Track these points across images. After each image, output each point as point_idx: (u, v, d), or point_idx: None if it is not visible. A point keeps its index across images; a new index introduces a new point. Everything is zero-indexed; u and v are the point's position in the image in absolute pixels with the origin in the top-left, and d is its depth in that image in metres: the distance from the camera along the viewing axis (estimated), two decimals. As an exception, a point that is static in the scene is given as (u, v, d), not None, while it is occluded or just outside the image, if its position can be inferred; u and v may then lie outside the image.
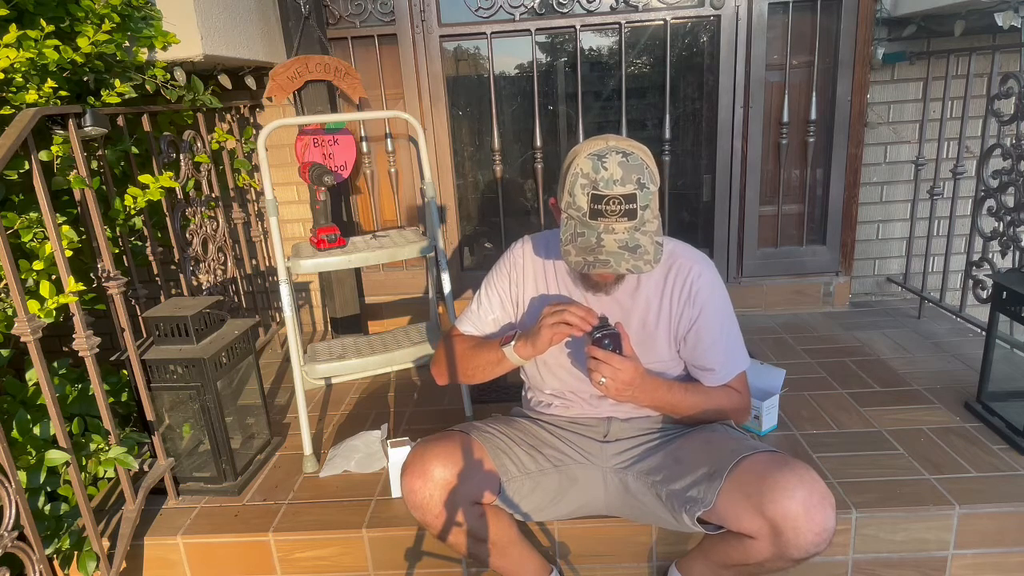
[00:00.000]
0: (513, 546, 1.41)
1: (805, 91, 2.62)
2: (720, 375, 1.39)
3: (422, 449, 1.31)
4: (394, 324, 2.81)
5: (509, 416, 1.57)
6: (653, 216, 1.18)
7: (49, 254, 1.44)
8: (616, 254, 1.15)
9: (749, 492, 1.16)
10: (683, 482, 1.28)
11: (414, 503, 1.28)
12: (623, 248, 1.15)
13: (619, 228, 1.16)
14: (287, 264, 1.80)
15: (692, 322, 1.36)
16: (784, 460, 1.20)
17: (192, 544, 1.59)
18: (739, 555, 1.22)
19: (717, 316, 1.37)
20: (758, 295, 2.78)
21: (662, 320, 1.37)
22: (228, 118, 2.40)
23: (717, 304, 1.37)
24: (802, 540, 1.11)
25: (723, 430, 1.40)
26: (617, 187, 1.14)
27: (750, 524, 1.16)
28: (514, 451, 1.41)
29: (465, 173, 2.88)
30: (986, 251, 2.22)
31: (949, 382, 2.06)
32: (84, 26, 1.63)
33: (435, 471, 1.26)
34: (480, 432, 1.41)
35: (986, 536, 1.51)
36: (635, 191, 1.14)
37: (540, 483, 1.40)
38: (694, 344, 1.37)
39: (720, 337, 1.37)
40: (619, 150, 1.17)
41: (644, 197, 1.15)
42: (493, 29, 2.59)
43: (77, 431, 1.57)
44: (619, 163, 1.15)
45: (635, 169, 1.15)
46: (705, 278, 1.35)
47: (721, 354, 1.38)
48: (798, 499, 1.11)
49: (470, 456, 1.32)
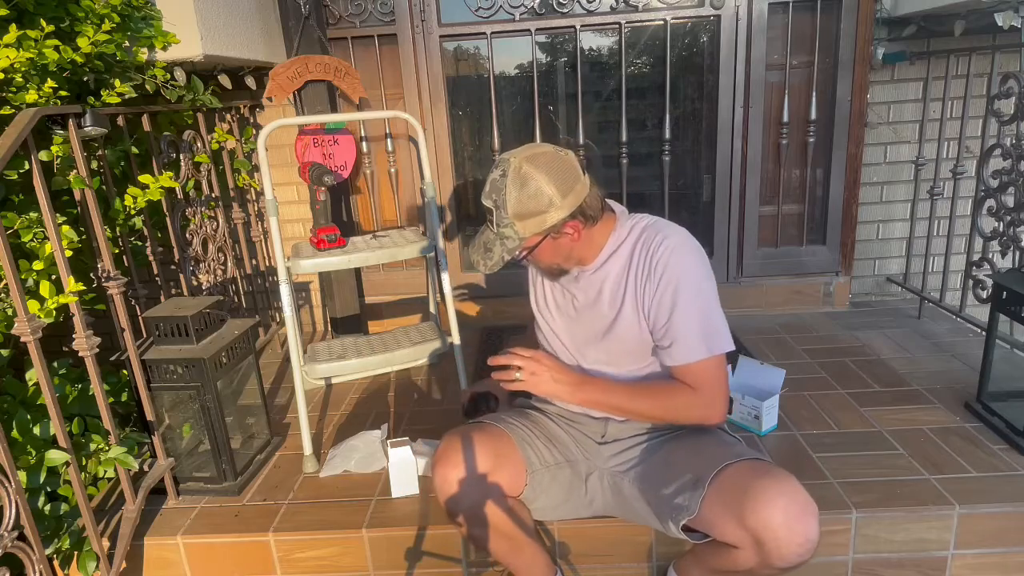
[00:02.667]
0: (528, 544, 1.40)
1: (805, 91, 2.62)
2: (679, 352, 1.27)
3: (454, 439, 1.31)
4: (394, 324, 2.81)
5: (521, 409, 1.56)
6: (517, 236, 1.26)
7: (49, 254, 1.44)
8: (477, 246, 1.31)
9: (728, 501, 1.15)
10: (670, 488, 1.27)
11: (447, 493, 1.27)
12: (482, 244, 1.30)
13: (487, 230, 1.30)
14: (287, 264, 1.80)
15: (654, 292, 1.28)
16: (766, 469, 1.17)
17: (192, 544, 1.59)
18: (727, 563, 1.21)
19: (681, 286, 1.26)
20: (758, 295, 2.78)
21: (628, 296, 1.32)
22: (228, 118, 2.40)
23: (681, 274, 1.27)
24: (784, 551, 1.09)
25: (714, 433, 1.36)
26: (485, 199, 1.28)
27: (732, 534, 1.14)
28: (535, 443, 1.41)
29: (465, 173, 2.88)
30: (986, 251, 2.22)
31: (949, 382, 2.06)
32: (84, 26, 1.63)
33: (468, 461, 1.27)
34: (505, 423, 1.42)
35: (986, 536, 1.51)
36: (490, 206, 1.27)
37: (556, 477, 1.41)
38: (655, 317, 1.29)
39: (681, 310, 1.26)
40: (504, 167, 1.25)
41: (498, 216, 1.26)
42: (493, 29, 2.59)
43: (77, 431, 1.57)
44: (492, 179, 1.26)
45: (496, 189, 1.25)
46: (671, 242, 1.28)
47: (680, 328, 1.26)
48: (779, 509, 1.09)
49: (500, 447, 1.33)
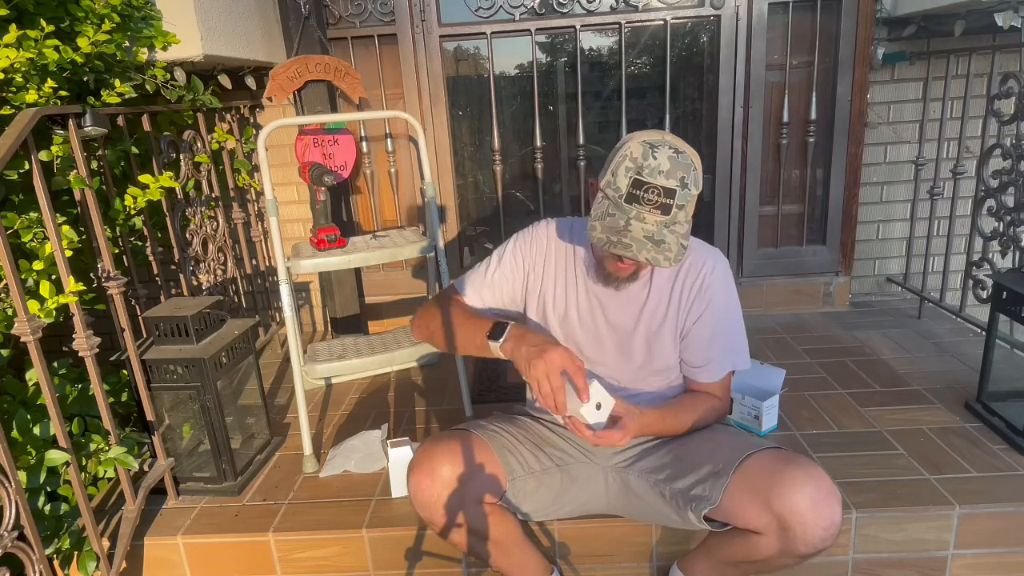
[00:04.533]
0: (516, 546, 1.41)
1: (805, 91, 2.62)
2: (712, 372, 1.38)
3: (429, 447, 1.31)
4: (394, 324, 2.81)
5: (511, 415, 1.57)
6: (685, 219, 1.17)
7: (49, 254, 1.43)
8: (639, 242, 1.14)
9: (756, 488, 1.17)
10: (687, 480, 1.29)
11: (421, 502, 1.28)
12: (647, 238, 1.14)
13: (649, 219, 1.14)
14: (287, 264, 1.80)
15: (698, 316, 1.35)
16: (791, 456, 1.21)
17: (192, 544, 1.59)
18: (744, 552, 1.23)
19: (723, 312, 1.36)
20: (758, 295, 2.78)
21: (669, 315, 1.37)
22: (228, 118, 2.40)
23: (725, 300, 1.36)
24: (810, 535, 1.12)
25: (723, 428, 1.41)
26: (660, 178, 1.13)
27: (757, 520, 1.16)
28: (518, 450, 1.41)
29: (465, 173, 2.88)
30: (986, 251, 2.22)
31: (949, 382, 2.06)
32: (84, 26, 1.62)
33: (442, 469, 1.26)
34: (485, 430, 1.41)
35: (986, 536, 1.51)
36: (676, 187, 1.13)
37: (543, 482, 1.40)
38: (694, 338, 1.37)
39: (721, 334, 1.36)
40: (673, 146, 1.16)
41: (683, 196, 1.14)
42: (493, 29, 2.59)
43: (77, 431, 1.57)
44: (669, 156, 1.14)
45: (683, 167, 1.14)
46: (718, 272, 1.35)
47: (718, 351, 1.37)
48: (806, 494, 1.12)
49: (476, 455, 1.32)
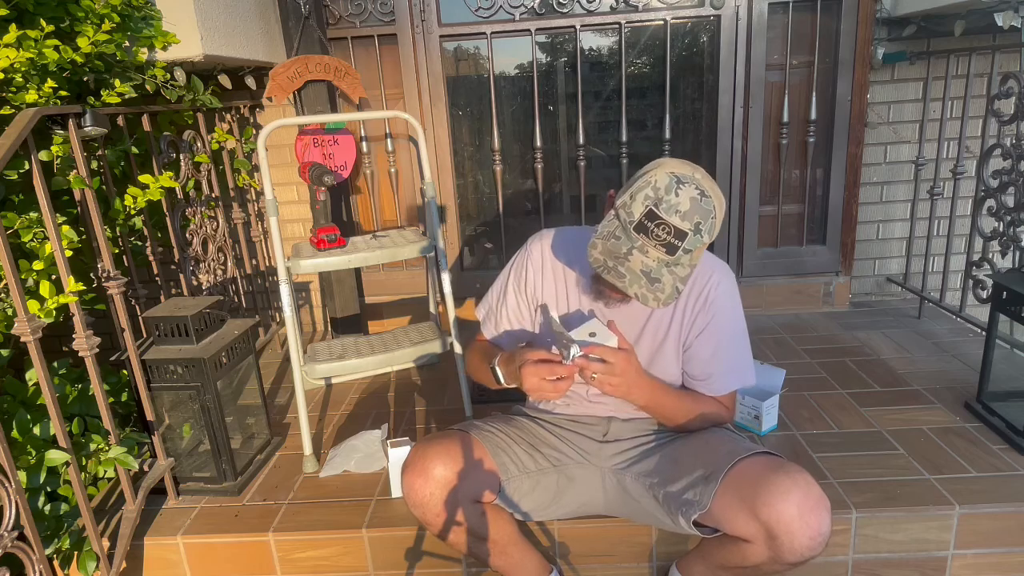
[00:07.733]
0: (513, 545, 1.41)
1: (805, 91, 2.62)
2: (714, 386, 1.38)
3: (422, 448, 1.31)
4: (394, 324, 2.81)
5: (509, 415, 1.57)
6: (689, 263, 1.14)
7: (49, 254, 1.44)
8: (634, 274, 1.11)
9: (743, 495, 1.16)
10: (679, 484, 1.28)
11: (414, 501, 1.28)
12: (644, 273, 1.11)
13: (652, 254, 1.11)
14: (287, 264, 1.80)
15: (701, 330, 1.34)
16: (780, 463, 1.19)
17: (192, 544, 1.59)
18: (736, 558, 1.22)
19: (727, 326, 1.35)
20: (758, 295, 2.78)
21: (672, 329, 1.36)
22: (228, 118, 2.40)
23: (729, 314, 1.35)
24: (796, 544, 1.10)
25: (721, 431, 1.39)
26: (675, 218, 1.08)
27: (745, 528, 1.15)
28: (514, 450, 1.41)
29: (465, 173, 2.88)
30: (986, 251, 2.22)
31: (949, 382, 2.06)
32: (84, 26, 1.63)
33: (435, 470, 1.27)
34: (480, 431, 1.41)
35: (986, 536, 1.51)
36: (689, 231, 1.09)
37: (540, 482, 1.40)
38: (696, 351, 1.36)
39: (724, 348, 1.35)
40: (700, 187, 1.10)
41: (693, 241, 1.10)
42: (493, 29, 2.59)
43: (77, 431, 1.57)
44: (692, 197, 1.09)
45: (702, 212, 1.09)
46: (724, 287, 1.33)
47: (722, 365, 1.36)
48: (793, 502, 1.10)
49: (470, 455, 1.32)
